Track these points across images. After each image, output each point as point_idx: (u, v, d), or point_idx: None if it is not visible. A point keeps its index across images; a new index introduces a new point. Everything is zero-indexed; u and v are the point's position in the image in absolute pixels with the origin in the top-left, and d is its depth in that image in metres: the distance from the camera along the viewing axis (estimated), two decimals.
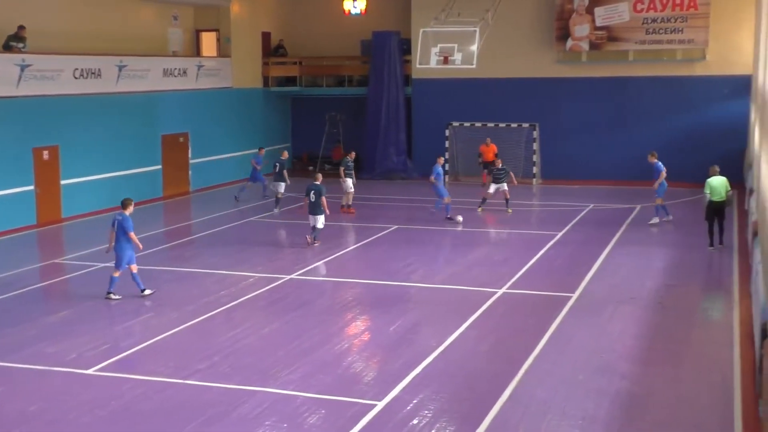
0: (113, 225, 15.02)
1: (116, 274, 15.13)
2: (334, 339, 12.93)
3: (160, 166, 27.48)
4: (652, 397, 10.42)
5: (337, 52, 33.93)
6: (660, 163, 21.82)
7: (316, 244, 19.38)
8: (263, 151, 27.76)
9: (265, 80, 33.34)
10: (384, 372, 11.42)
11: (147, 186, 26.84)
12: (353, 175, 24.55)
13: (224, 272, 17.07)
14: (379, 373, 11.45)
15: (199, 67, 29.44)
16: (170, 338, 12.93)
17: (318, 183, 19.82)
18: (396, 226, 21.98)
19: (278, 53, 33.89)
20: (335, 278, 16.70)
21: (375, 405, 10.12)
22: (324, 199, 19.37)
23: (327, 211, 19.46)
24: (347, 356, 12.12)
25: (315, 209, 19.34)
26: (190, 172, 29.01)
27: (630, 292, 15.35)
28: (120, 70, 25.41)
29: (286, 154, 26.21)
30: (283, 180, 24.60)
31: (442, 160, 23.82)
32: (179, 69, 28.37)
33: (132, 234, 14.93)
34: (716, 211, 18.70)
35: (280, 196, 24.54)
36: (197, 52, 31.15)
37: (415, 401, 10.25)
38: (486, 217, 23.64)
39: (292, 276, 16.72)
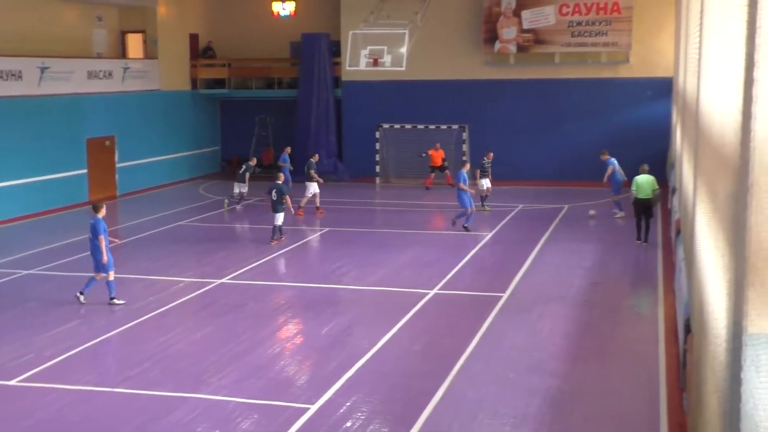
0: (90, 231, 14.76)
1: (111, 278, 14.72)
2: (266, 343, 12.84)
3: (85, 170, 26.90)
4: (581, 393, 10.62)
5: (266, 54, 33.73)
6: (611, 159, 22.83)
7: (273, 243, 19.69)
8: (289, 149, 27.71)
9: (194, 82, 32.95)
10: (317, 375, 11.39)
11: (72, 190, 26.24)
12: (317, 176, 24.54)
13: (153, 277, 16.81)
14: (311, 376, 11.41)
15: (125, 69, 28.93)
16: (99, 345, 12.68)
17: (280, 182, 20.47)
18: (327, 229, 21.95)
19: (206, 55, 33.53)
20: (267, 282, 16.59)
21: (308, 408, 10.08)
22: (288, 197, 20.05)
23: (291, 210, 20.43)
24: (280, 360, 12.05)
25: (276, 207, 19.84)
26: (117, 176, 28.47)
27: (559, 291, 15.61)
28: (42, 71, 24.81)
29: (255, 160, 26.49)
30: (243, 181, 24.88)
31: (468, 166, 22.48)
32: (104, 71, 27.84)
33: (101, 238, 14.53)
34: (643, 209, 19.25)
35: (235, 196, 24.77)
36: (123, 54, 30.60)
37: (348, 403, 10.25)
38: (419, 219, 23.77)
39: (223, 280, 16.55)
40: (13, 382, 11.12)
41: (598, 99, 29.53)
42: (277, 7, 33.67)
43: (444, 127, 30.34)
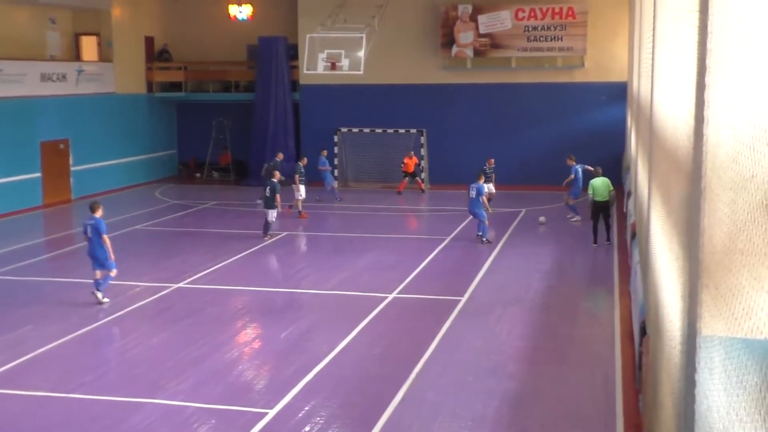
0: (85, 231, 14.91)
1: (112, 274, 15.01)
2: (224, 347, 12.75)
3: (39, 174, 26.50)
4: (538, 396, 10.71)
5: (223, 58, 33.53)
6: (576, 167, 22.90)
7: (266, 239, 20.51)
8: (326, 153, 27.53)
9: (149, 85, 32.64)
10: (275, 379, 11.34)
11: (25, 194, 25.84)
12: (305, 181, 24.45)
13: (109, 282, 16.58)
14: (270, 380, 11.36)
15: (80, 71, 28.56)
16: (52, 351, 12.48)
17: (275, 180, 21.30)
18: (285, 233, 21.87)
19: (162, 58, 33.23)
20: (224, 286, 16.49)
21: (267, 413, 10.03)
22: (278, 195, 20.89)
23: (279, 208, 21.15)
24: (238, 365, 11.98)
25: (269, 203, 20.79)
26: (71, 180, 28.08)
27: (516, 294, 15.73)
28: None
29: (281, 156, 26.18)
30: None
31: (483, 178, 21.66)
32: (58, 74, 27.46)
33: (106, 237, 14.83)
34: (600, 210, 19.49)
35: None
36: (77, 57, 30.21)
37: (307, 408, 10.22)
38: (378, 223, 23.79)
39: (180, 284, 16.41)
40: None
41: (554, 103, 29.83)
42: (234, 11, 33.47)
43: (402, 131, 30.41)
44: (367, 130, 30.57)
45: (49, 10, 28.54)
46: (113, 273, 15.08)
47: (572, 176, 22.89)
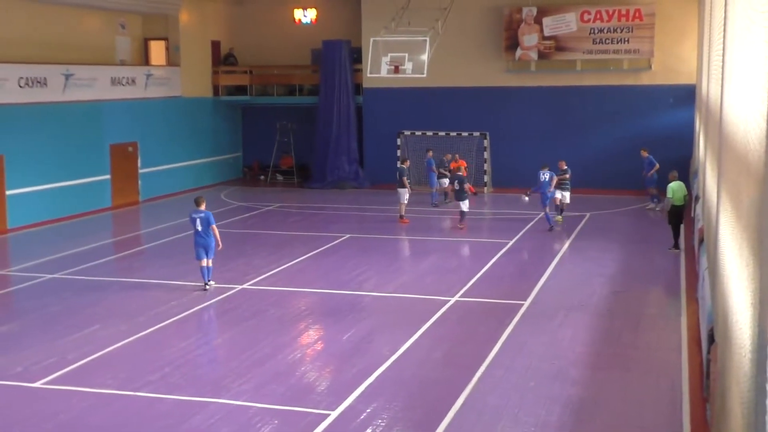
0: (194, 223, 16.07)
1: (210, 264, 16.14)
2: (286, 349, 12.86)
3: (108, 176, 27.10)
4: (602, 402, 10.56)
5: (287, 61, 33.85)
6: (651, 157, 24.96)
7: (461, 228, 22.31)
8: (431, 154, 27.76)
9: (215, 89, 33.12)
10: (337, 381, 11.39)
11: (95, 196, 26.46)
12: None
13: (175, 282, 16.89)
14: (332, 382, 11.42)
15: (148, 75, 29.13)
16: (120, 350, 12.75)
17: (461, 173, 23.33)
18: (348, 235, 21.96)
19: (228, 62, 33.70)
20: (287, 288, 16.62)
21: (329, 415, 10.08)
22: (468, 185, 23.06)
23: (472, 192, 23.52)
24: (300, 366, 12.07)
25: (460, 195, 22.59)
26: (139, 182, 28.66)
27: (580, 299, 15.54)
28: (67, 78, 25.05)
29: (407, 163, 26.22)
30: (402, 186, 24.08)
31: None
32: (127, 78, 28.05)
33: (215, 228, 16.04)
34: (677, 215, 19.22)
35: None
36: (146, 61, 30.82)
37: (368, 410, 10.24)
38: (438, 226, 23.75)
39: (244, 286, 16.60)
40: (36, 385, 11.22)
41: (619, 106, 29.39)
42: (298, 15, 33.79)
43: (465, 134, 30.31)
44: (429, 133, 30.53)
45: (120, 15, 29.20)
46: (210, 263, 16.21)
47: (657, 165, 24.56)
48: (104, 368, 11.92)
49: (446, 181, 26.52)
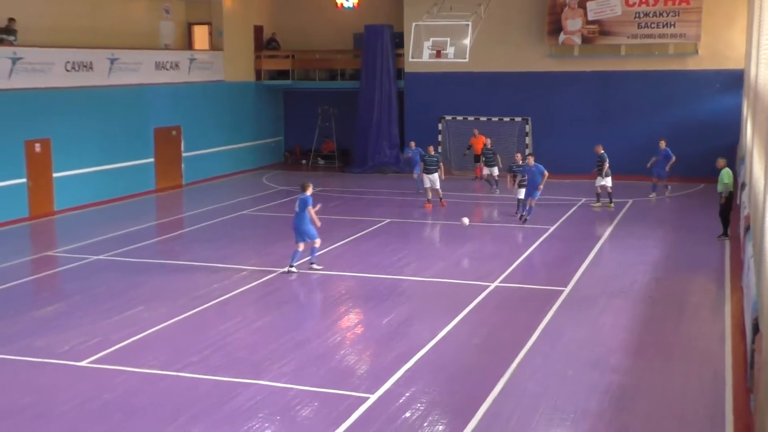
0: (297, 205, 16.33)
1: (317, 245, 16.46)
2: (326, 332, 12.92)
3: (152, 159, 27.41)
4: (642, 391, 10.45)
5: (329, 46, 33.86)
6: (668, 150, 24.51)
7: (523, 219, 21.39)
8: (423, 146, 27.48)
9: (258, 73, 33.26)
10: (377, 365, 11.42)
11: (139, 179, 26.78)
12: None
13: (216, 265, 17.04)
14: (371, 366, 11.45)
15: (191, 60, 29.34)
16: (162, 331, 12.91)
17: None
18: (388, 220, 21.97)
19: (270, 47, 33.79)
20: (328, 272, 16.67)
21: (368, 398, 10.12)
22: (545, 176, 21.37)
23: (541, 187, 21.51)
24: (340, 349, 12.12)
25: (526, 185, 21.45)
26: (182, 165, 28.94)
27: (621, 286, 15.39)
28: (112, 63, 25.33)
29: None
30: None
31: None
32: (171, 62, 28.28)
33: (311, 208, 16.15)
34: (728, 203, 18.94)
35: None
36: (189, 46, 31.04)
37: (407, 394, 10.26)
38: (477, 211, 23.65)
39: (285, 269, 16.68)
40: (83, 363, 11.41)
41: (665, 91, 28.95)
42: None
43: (507, 119, 30.10)
44: (471, 118, 30.37)
45: (164, 0, 29.41)
46: (317, 243, 16.42)
47: (674, 158, 24.18)
48: (147, 349, 12.08)
49: (496, 169, 26.15)
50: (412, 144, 26.88)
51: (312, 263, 16.52)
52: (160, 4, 29.41)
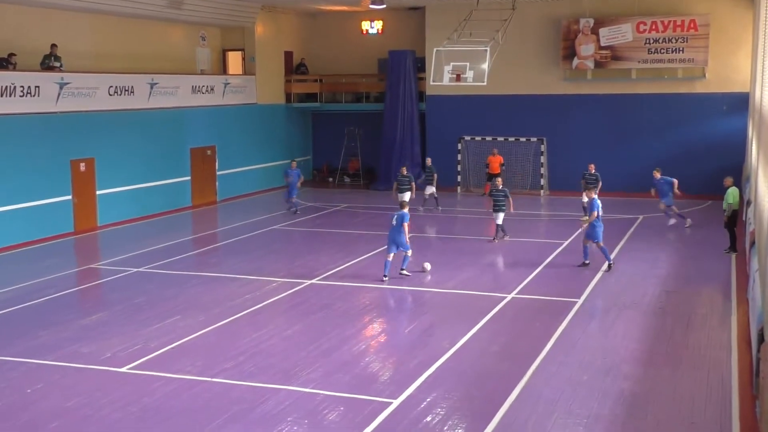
0: (393, 219, 17.08)
1: (409, 254, 17.12)
2: (352, 340, 12.98)
3: (189, 177, 27.66)
4: (653, 397, 10.41)
5: (355, 70, 34.05)
6: (665, 178, 22.82)
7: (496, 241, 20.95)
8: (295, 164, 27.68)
9: (288, 96, 33.48)
10: (399, 371, 11.45)
11: (176, 196, 27.04)
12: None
13: (248, 277, 17.17)
14: (394, 372, 11.48)
15: (226, 84, 29.63)
16: (198, 339, 13.02)
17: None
18: (411, 234, 21.95)
19: (300, 71, 34.04)
20: (353, 283, 16.75)
21: (391, 403, 10.16)
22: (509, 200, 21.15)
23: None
24: (365, 356, 12.17)
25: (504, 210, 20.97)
26: (217, 183, 29.17)
27: (632, 298, 15.32)
28: (151, 87, 25.65)
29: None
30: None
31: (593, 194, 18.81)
32: (207, 86, 28.58)
33: (406, 224, 16.94)
34: (734, 219, 18.91)
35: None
36: (224, 71, 31.34)
37: (428, 399, 10.29)
38: (495, 226, 23.62)
39: (313, 281, 16.78)
40: (123, 369, 11.54)
41: (674, 113, 28.85)
42: (365, 26, 34.00)
43: (523, 139, 30.11)
44: (489, 139, 30.41)
45: (200, 28, 29.75)
46: (409, 253, 17.08)
47: (676, 182, 22.54)
48: (184, 356, 12.19)
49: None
50: (293, 164, 26.86)
51: (402, 269, 17.07)
52: (197, 32, 29.75)
